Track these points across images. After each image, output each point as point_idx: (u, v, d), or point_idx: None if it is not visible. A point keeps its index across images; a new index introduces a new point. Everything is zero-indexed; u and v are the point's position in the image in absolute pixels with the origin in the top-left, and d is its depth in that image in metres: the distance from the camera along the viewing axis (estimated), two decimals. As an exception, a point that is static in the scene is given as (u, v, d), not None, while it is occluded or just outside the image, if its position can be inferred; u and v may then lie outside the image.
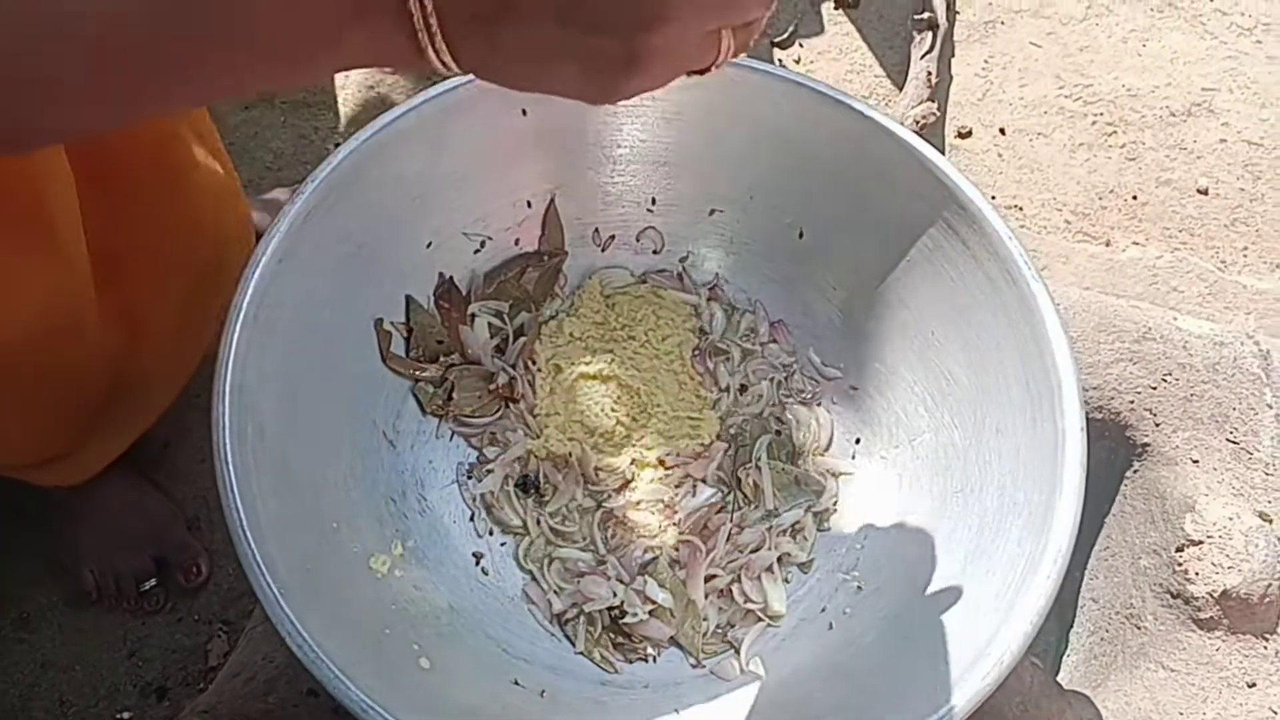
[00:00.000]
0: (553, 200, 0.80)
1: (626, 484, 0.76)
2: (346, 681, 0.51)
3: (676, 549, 0.74)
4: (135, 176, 0.74)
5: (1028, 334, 0.65)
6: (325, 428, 0.67)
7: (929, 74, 1.23)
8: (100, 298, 0.74)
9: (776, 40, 1.33)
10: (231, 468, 0.56)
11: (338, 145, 0.68)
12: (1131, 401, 0.85)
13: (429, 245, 0.76)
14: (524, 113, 0.74)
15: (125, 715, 0.91)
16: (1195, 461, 0.83)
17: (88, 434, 0.85)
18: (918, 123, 1.17)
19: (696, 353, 0.82)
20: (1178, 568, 0.78)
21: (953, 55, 1.32)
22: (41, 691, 0.92)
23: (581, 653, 0.70)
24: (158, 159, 0.76)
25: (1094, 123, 1.27)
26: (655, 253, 0.84)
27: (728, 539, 0.74)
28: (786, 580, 0.73)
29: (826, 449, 0.79)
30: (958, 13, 1.35)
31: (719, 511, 0.75)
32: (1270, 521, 0.79)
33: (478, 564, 0.73)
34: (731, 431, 0.79)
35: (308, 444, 0.65)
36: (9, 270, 0.62)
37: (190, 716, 0.68)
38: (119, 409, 0.86)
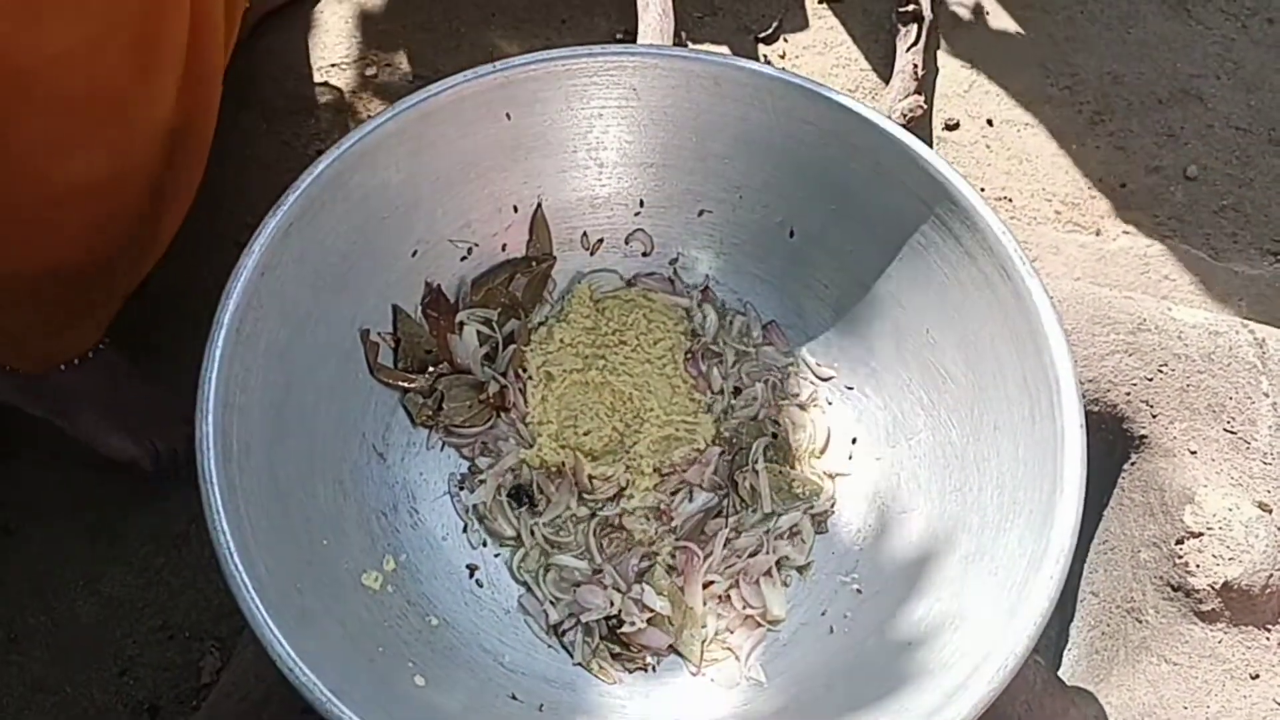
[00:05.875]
0: (539, 204, 0.79)
1: (621, 491, 0.75)
2: (339, 705, 0.50)
3: (673, 555, 0.73)
4: None
5: (1024, 330, 0.64)
6: (313, 442, 0.66)
7: (915, 66, 1.22)
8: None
9: (761, 36, 1.32)
10: (217, 487, 0.55)
11: (319, 153, 0.67)
12: (1128, 393, 0.85)
13: (414, 253, 0.74)
14: (508, 116, 0.73)
15: (117, 736, 0.90)
16: (1193, 452, 0.82)
17: (119, 260, 0.85)
18: (905, 116, 1.16)
19: (689, 356, 0.80)
20: (1178, 560, 0.77)
21: (938, 47, 1.31)
22: (32, 713, 0.90)
23: (580, 664, 0.69)
24: None
25: (1080, 111, 1.26)
26: (645, 255, 0.83)
27: (725, 544, 0.73)
28: (786, 584, 0.72)
29: (823, 451, 0.78)
30: (943, 3, 1.34)
31: (716, 516, 0.75)
32: (1270, 511, 0.78)
33: (472, 576, 0.71)
34: (727, 435, 0.78)
35: (295, 460, 0.64)
36: None
37: (182, 740, 0.67)
38: (148, 230, 0.86)
